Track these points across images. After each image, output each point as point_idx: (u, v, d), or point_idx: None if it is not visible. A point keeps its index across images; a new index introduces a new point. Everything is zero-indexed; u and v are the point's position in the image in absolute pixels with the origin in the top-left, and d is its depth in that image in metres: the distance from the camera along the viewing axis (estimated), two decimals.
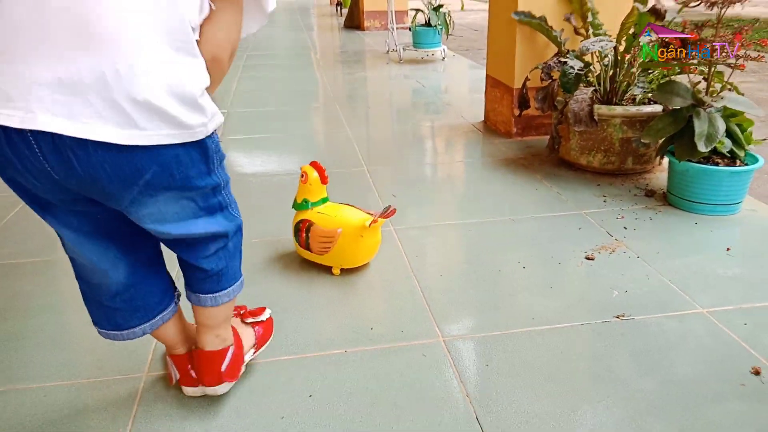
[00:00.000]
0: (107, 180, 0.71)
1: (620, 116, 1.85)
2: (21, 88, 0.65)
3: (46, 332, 1.21)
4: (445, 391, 1.02)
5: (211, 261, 0.89)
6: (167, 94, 0.69)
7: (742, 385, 1.01)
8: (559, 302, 1.27)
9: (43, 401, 1.02)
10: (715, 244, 1.51)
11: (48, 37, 0.65)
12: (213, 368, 0.95)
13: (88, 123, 0.66)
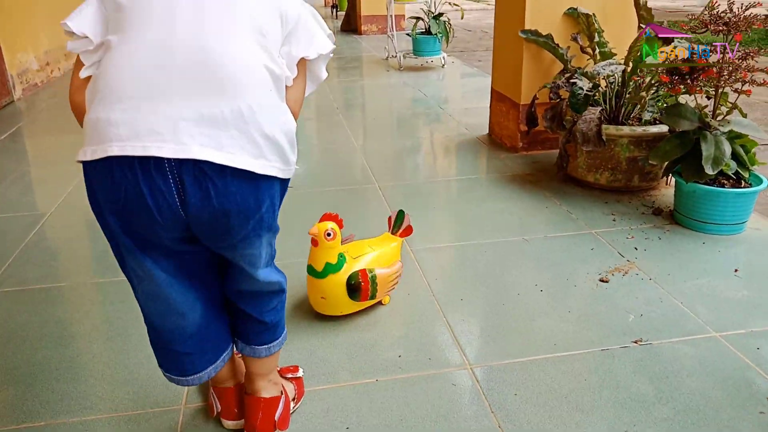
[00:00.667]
0: (235, 212, 0.79)
1: (627, 136, 1.90)
2: (168, 124, 0.73)
3: (81, 363, 1.24)
4: (478, 422, 1.06)
5: (271, 314, 0.96)
6: (281, 132, 0.81)
7: (761, 413, 1.06)
8: (579, 326, 1.32)
9: None
10: (723, 265, 1.56)
11: (184, 81, 0.75)
12: (268, 415, 0.99)
13: (232, 153, 0.75)
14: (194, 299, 0.89)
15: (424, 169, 2.43)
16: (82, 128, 0.83)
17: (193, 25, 0.76)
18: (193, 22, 0.76)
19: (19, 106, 3.57)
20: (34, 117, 3.32)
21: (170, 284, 0.86)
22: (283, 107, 0.83)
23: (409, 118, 3.20)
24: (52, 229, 1.88)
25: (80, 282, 1.56)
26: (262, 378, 0.99)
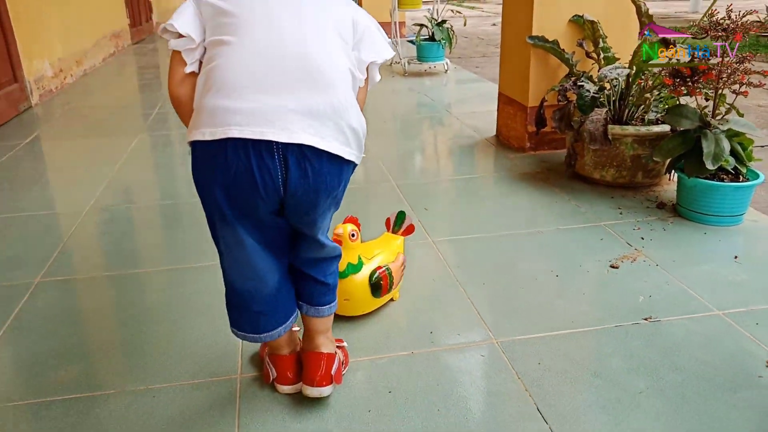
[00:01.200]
0: (323, 189, 0.95)
1: (632, 135, 2.02)
2: (278, 113, 0.88)
3: (142, 340, 1.35)
4: (507, 387, 1.17)
5: (332, 276, 1.10)
6: (360, 126, 0.97)
7: (760, 377, 1.18)
8: (593, 307, 1.43)
9: (152, 402, 1.16)
10: (723, 252, 1.68)
11: (290, 79, 0.90)
12: (327, 369, 1.10)
13: (329, 141, 0.90)
14: (272, 266, 1.02)
15: (437, 168, 2.56)
16: (180, 116, 0.96)
17: (295, 32, 0.91)
18: (295, 28, 0.91)
19: (37, 111, 3.67)
20: (51, 122, 3.43)
21: (256, 251, 0.99)
22: (357, 106, 0.98)
23: (417, 122, 3.33)
24: (90, 225, 1.99)
25: (123, 273, 1.67)
26: (323, 334, 1.12)
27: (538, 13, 2.39)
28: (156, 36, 7.61)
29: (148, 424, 1.10)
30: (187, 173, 2.44)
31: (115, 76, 5.01)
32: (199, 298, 1.50)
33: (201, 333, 1.36)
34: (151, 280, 1.63)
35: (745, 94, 1.78)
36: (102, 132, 3.18)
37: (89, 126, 3.33)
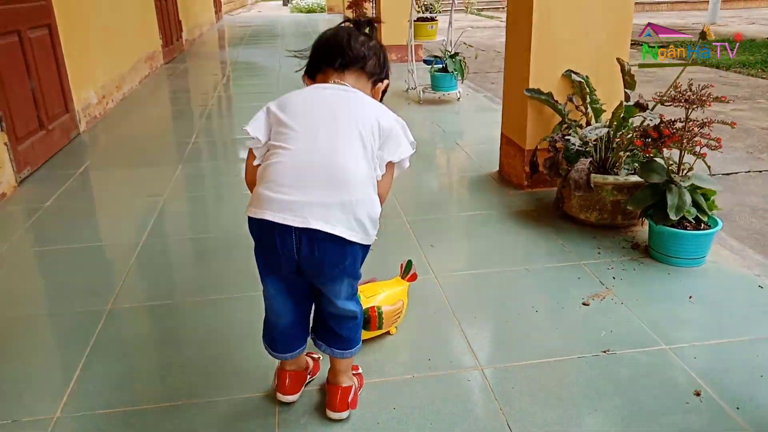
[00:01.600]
0: (329, 262, 1.26)
1: (612, 184, 2.33)
2: (301, 206, 1.20)
3: (201, 360, 1.69)
4: (486, 406, 1.49)
5: (346, 330, 1.40)
6: (367, 217, 1.26)
7: (687, 403, 1.49)
8: (564, 340, 1.75)
9: (213, 412, 1.50)
10: (680, 292, 1.98)
11: (315, 179, 1.22)
12: (344, 398, 1.43)
13: (335, 226, 1.21)
14: (288, 310, 1.38)
15: (444, 204, 2.87)
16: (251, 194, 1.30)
17: (328, 145, 1.23)
18: (328, 142, 1.24)
19: (84, 138, 4.06)
20: (99, 150, 3.82)
21: (276, 297, 1.36)
22: (374, 198, 1.27)
23: (430, 154, 3.65)
24: (148, 255, 2.35)
25: (181, 301, 2.02)
26: (343, 373, 1.44)
27: (535, 68, 2.70)
28: (186, 55, 8.01)
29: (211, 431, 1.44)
30: (228, 207, 2.80)
31: (151, 99, 5.40)
32: (246, 323, 1.84)
33: (248, 353, 1.70)
34: (205, 307, 1.97)
35: (703, 156, 2.08)
36: (145, 162, 3.56)
37: (132, 155, 3.71)
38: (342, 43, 1.35)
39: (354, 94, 1.33)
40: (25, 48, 3.38)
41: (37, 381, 1.65)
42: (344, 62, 1.35)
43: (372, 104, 1.34)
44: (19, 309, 2.02)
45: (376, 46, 1.41)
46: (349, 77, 1.36)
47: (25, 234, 2.59)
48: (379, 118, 1.30)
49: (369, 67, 1.38)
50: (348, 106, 1.30)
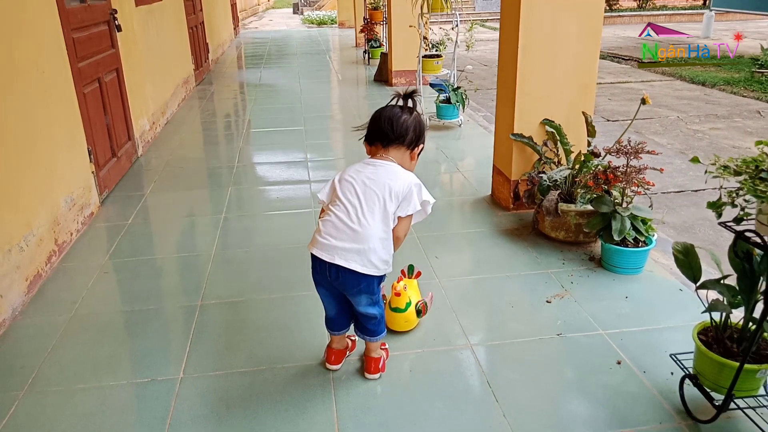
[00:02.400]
0: (349, 285, 1.94)
1: (574, 211, 3.04)
2: (333, 248, 1.88)
3: (275, 338, 2.41)
4: (471, 370, 2.21)
5: (371, 324, 2.08)
6: (379, 260, 1.91)
7: (610, 368, 2.20)
8: (530, 327, 2.46)
9: (286, 373, 2.22)
10: (620, 293, 2.69)
11: (344, 234, 1.88)
12: (376, 366, 2.14)
13: (351, 264, 1.89)
14: (332, 305, 2.07)
15: (446, 222, 3.58)
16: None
17: (357, 214, 1.87)
18: (357, 212, 1.88)
19: (142, 161, 4.80)
20: (157, 172, 4.55)
21: (323, 298, 2.06)
22: (384, 247, 1.89)
23: (435, 179, 4.36)
24: (220, 263, 3.07)
25: (254, 297, 2.74)
26: (372, 350, 2.15)
27: (518, 117, 3.41)
28: (212, 76, 8.76)
29: (287, 387, 2.16)
30: (277, 224, 3.48)
31: (190, 123, 6.14)
32: (308, 314, 2.56)
33: (306, 335, 2.41)
34: (271, 302, 2.69)
35: (639, 194, 2.79)
36: (200, 184, 4.29)
37: (188, 178, 4.44)
38: (388, 127, 1.98)
39: (386, 169, 1.95)
40: (103, 91, 4.12)
41: (160, 353, 2.37)
42: (388, 141, 1.99)
43: (396, 176, 1.93)
44: (129, 305, 2.75)
45: (414, 122, 2.00)
46: (392, 151, 2.01)
47: (118, 247, 3.32)
48: (399, 187, 1.91)
49: (407, 141, 2.00)
50: (378, 181, 1.91)
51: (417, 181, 2.00)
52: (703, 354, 1.89)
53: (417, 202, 1.96)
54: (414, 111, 2.05)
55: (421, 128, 2.05)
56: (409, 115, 2.03)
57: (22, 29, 3.01)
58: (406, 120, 2.00)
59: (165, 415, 2.03)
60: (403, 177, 1.97)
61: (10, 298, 2.61)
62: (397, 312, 2.38)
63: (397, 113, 2.01)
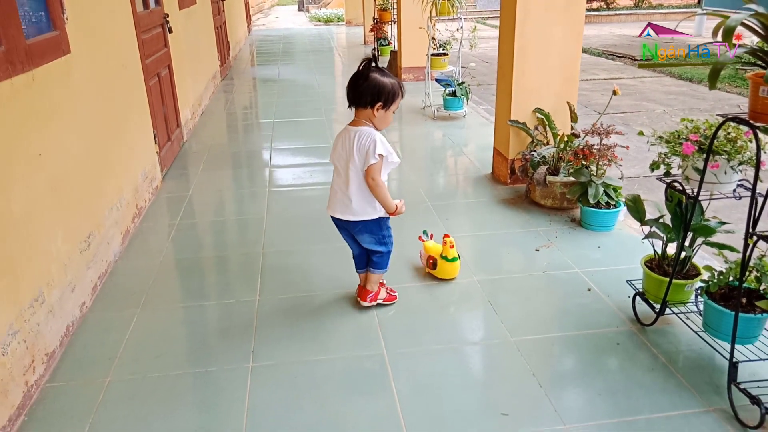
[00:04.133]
0: (352, 228, 2.61)
1: (559, 182, 3.75)
2: (332, 205, 2.57)
3: (316, 277, 3.12)
4: (478, 295, 2.92)
5: (376, 257, 2.72)
6: (362, 208, 2.49)
7: (582, 294, 2.91)
8: (523, 266, 3.17)
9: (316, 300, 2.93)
10: (594, 244, 3.40)
11: (336, 192, 2.54)
12: (367, 294, 2.78)
13: (346, 215, 2.56)
14: (353, 246, 2.72)
15: (454, 194, 4.29)
16: None
17: (341, 174, 2.48)
18: (341, 172, 2.50)
19: (187, 146, 5.51)
20: (202, 154, 5.26)
21: (346, 239, 2.72)
22: (365, 193, 2.42)
23: (443, 159, 5.08)
24: (272, 223, 3.78)
25: (304, 248, 3.45)
26: (370, 282, 2.78)
27: (515, 105, 4.12)
28: (233, 72, 9.46)
29: (333, 304, 2.88)
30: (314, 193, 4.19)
31: (221, 113, 6.85)
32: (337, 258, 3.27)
33: (340, 273, 3.11)
34: (315, 251, 3.39)
35: (608, 166, 3.51)
36: (242, 164, 5.01)
37: (230, 159, 5.15)
38: (350, 93, 2.39)
39: (356, 133, 2.38)
40: (161, 84, 4.82)
41: (239, 283, 3.08)
42: (354, 104, 2.41)
43: (359, 138, 2.37)
44: (205, 252, 3.46)
45: (369, 85, 2.32)
46: (359, 111, 2.40)
47: (185, 211, 4.03)
48: (361, 146, 2.36)
49: (366, 102, 2.36)
50: (348, 146, 2.40)
51: (376, 139, 2.38)
52: (648, 275, 2.60)
53: (372, 156, 2.37)
54: (370, 75, 2.36)
55: (377, 89, 2.36)
56: (365, 81, 2.36)
57: (115, 33, 3.72)
58: (361, 85, 2.38)
59: (251, 324, 2.73)
60: (364, 137, 2.39)
61: (113, 245, 3.32)
62: (446, 261, 2.99)
63: (356, 81, 2.39)
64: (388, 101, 2.41)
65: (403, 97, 2.47)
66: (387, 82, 2.40)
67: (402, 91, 2.45)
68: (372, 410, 2.17)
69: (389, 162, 2.47)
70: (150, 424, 2.13)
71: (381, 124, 2.47)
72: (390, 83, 2.41)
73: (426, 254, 3.09)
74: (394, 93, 2.41)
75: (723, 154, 2.21)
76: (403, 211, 2.57)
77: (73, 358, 2.52)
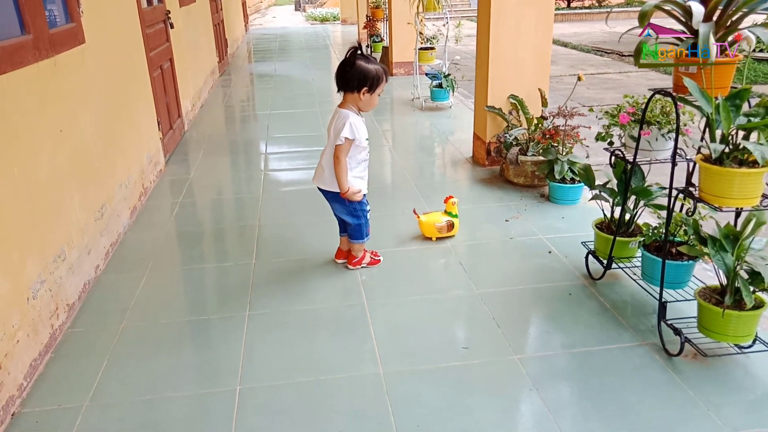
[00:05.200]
0: (326, 195, 2.97)
1: (530, 161, 4.09)
2: (315, 176, 2.95)
3: (315, 245, 3.46)
4: (451, 257, 3.26)
5: (352, 231, 3.04)
6: (330, 176, 2.84)
7: (543, 255, 3.25)
8: (494, 234, 3.51)
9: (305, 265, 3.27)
10: (559, 216, 3.74)
11: (319, 164, 2.97)
12: (351, 260, 3.13)
13: (319, 182, 2.92)
14: (335, 213, 3.07)
15: (437, 175, 4.64)
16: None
17: (326, 151, 2.85)
18: (327, 148, 2.85)
19: (188, 135, 5.85)
20: (203, 142, 5.60)
21: (332, 209, 3.05)
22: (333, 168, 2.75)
23: (429, 146, 5.42)
24: (267, 200, 4.13)
25: (296, 221, 3.79)
26: (353, 250, 3.12)
27: (491, 93, 4.46)
28: (231, 69, 9.80)
29: (321, 268, 3.22)
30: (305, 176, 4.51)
31: (219, 106, 7.19)
32: (326, 228, 3.61)
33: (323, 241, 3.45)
34: (307, 223, 3.73)
35: (573, 145, 3.85)
36: (240, 151, 5.35)
37: (229, 147, 5.50)
38: (338, 79, 2.66)
39: (338, 115, 2.70)
40: (163, 76, 5.16)
41: (237, 250, 3.42)
42: (342, 89, 2.68)
43: (338, 120, 2.68)
44: (207, 225, 3.81)
45: (355, 71, 2.58)
46: (347, 95, 2.69)
47: (187, 191, 4.37)
48: (338, 127, 2.66)
49: (353, 87, 2.63)
50: (332, 126, 2.74)
51: (347, 123, 2.67)
52: (597, 235, 2.95)
53: (338, 138, 2.70)
54: (356, 61, 2.61)
55: (363, 75, 2.62)
56: (352, 67, 2.62)
57: (123, 27, 4.06)
58: (348, 71, 2.63)
59: (247, 283, 3.07)
60: (341, 119, 2.70)
61: (122, 218, 3.66)
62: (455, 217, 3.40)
63: (344, 67, 2.64)
64: (373, 86, 2.68)
65: (387, 81, 2.76)
66: (372, 68, 2.65)
67: (386, 77, 2.72)
68: (352, 347, 2.51)
69: (358, 146, 2.76)
70: (159, 359, 2.47)
71: (367, 107, 2.75)
72: (374, 69, 2.66)
73: (444, 223, 3.41)
74: (378, 78, 2.67)
75: (655, 123, 2.55)
76: (354, 199, 2.87)
77: (91, 309, 2.86)
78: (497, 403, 2.16)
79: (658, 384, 2.23)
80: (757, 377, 2.26)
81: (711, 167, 2.13)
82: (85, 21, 3.29)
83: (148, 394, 2.27)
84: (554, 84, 9.37)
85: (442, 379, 2.29)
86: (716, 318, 2.22)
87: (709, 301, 2.28)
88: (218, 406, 2.19)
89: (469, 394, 2.21)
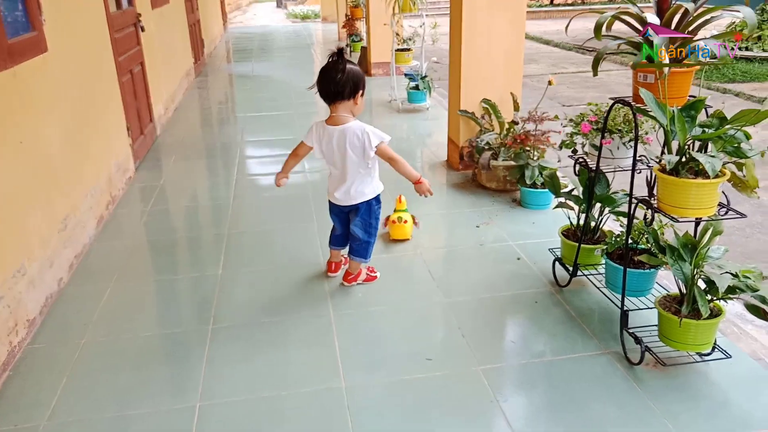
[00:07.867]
0: (349, 210, 2.92)
1: (502, 165, 4.09)
2: (331, 191, 2.89)
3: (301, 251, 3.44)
4: (421, 265, 3.25)
5: (358, 246, 3.01)
6: (356, 192, 2.81)
7: (512, 261, 3.26)
8: (464, 240, 3.51)
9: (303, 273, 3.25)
10: (529, 221, 3.75)
11: (338, 182, 2.83)
12: (348, 276, 3.09)
13: (340, 199, 2.87)
14: (339, 226, 3.03)
15: None
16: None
17: (341, 166, 2.78)
18: (341, 165, 2.78)
19: (161, 139, 5.79)
20: (175, 147, 5.54)
21: (335, 221, 3.02)
22: (366, 178, 2.74)
23: (407, 150, 5.39)
24: (238, 205, 4.09)
25: (269, 228, 3.76)
26: (354, 267, 3.08)
27: (464, 97, 4.45)
28: (208, 69, 9.71)
29: (301, 280, 3.20)
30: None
31: (194, 109, 7.12)
32: (307, 236, 3.59)
33: (310, 250, 3.43)
34: (281, 230, 3.71)
35: (543, 151, 3.86)
36: (212, 155, 5.30)
37: (201, 151, 5.44)
38: (329, 89, 2.50)
39: (343, 132, 2.59)
40: (133, 80, 5.10)
41: (206, 259, 3.39)
42: (334, 99, 2.54)
43: (351, 131, 2.59)
44: (175, 234, 3.76)
45: (347, 77, 2.43)
46: (340, 105, 2.55)
47: (156, 199, 4.32)
48: (355, 138, 2.59)
49: (347, 95, 2.51)
50: (343, 141, 2.61)
51: (367, 129, 2.62)
52: (563, 242, 2.96)
53: (375, 140, 2.61)
54: (346, 67, 2.47)
55: (356, 79, 2.50)
56: (343, 74, 2.47)
57: (89, 33, 4.00)
58: (341, 79, 2.48)
59: (212, 295, 3.04)
60: (356, 132, 2.62)
61: (88, 229, 3.61)
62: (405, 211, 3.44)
63: (333, 76, 2.47)
64: (365, 87, 2.60)
65: None
66: (358, 69, 2.57)
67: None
68: (316, 360, 2.50)
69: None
70: (120, 375, 2.44)
71: (359, 111, 2.65)
72: (360, 69, 2.59)
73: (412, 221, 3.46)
74: (364, 77, 2.61)
75: (617, 132, 2.56)
76: (427, 189, 2.87)
77: (53, 324, 2.81)
78: (457, 416, 2.16)
79: (618, 393, 2.24)
80: (715, 384, 2.28)
81: (667, 178, 2.14)
82: (47, 29, 3.23)
83: (107, 412, 2.24)
84: (534, 83, 9.44)
85: (404, 392, 2.28)
86: (675, 327, 2.24)
87: (669, 309, 2.29)
88: (178, 424, 2.17)
89: (429, 407, 2.20)
